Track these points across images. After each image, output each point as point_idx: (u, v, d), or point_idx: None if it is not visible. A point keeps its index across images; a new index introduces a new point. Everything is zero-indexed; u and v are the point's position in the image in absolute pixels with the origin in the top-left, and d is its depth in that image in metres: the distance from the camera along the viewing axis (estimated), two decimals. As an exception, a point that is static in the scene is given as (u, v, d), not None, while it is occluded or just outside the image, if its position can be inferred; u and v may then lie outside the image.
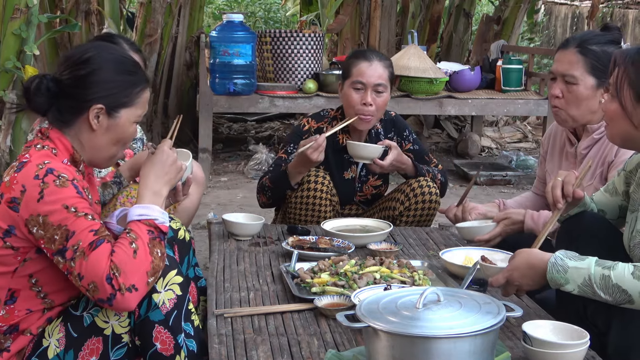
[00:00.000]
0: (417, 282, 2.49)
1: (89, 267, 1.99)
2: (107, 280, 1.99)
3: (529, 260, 2.18)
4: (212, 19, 12.70)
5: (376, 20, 7.81)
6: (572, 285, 2.09)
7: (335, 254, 2.78)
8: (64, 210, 2.03)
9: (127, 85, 2.21)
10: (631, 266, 2.02)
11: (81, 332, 2.13)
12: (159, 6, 6.98)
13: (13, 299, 2.13)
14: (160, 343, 2.13)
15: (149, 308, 2.12)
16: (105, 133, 2.20)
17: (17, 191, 2.05)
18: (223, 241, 3.07)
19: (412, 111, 6.74)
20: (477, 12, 11.36)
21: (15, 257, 2.10)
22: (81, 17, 6.80)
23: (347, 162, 3.54)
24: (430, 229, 3.38)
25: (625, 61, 2.20)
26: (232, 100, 6.35)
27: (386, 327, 1.75)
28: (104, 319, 2.13)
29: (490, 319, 1.77)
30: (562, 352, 1.91)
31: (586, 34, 2.93)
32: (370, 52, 3.53)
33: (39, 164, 2.07)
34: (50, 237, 2.03)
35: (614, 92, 2.22)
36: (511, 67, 6.86)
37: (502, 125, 8.57)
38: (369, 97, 3.39)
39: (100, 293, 2.00)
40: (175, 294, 2.15)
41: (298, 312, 2.32)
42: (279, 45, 6.53)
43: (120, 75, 2.20)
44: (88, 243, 2.01)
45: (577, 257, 2.10)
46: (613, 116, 2.23)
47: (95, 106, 2.16)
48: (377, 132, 3.57)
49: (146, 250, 2.06)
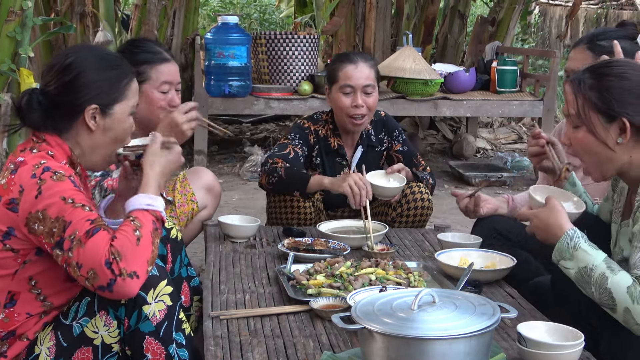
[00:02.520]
0: (412, 283, 2.50)
1: (87, 254, 1.98)
2: (107, 265, 1.97)
3: (549, 220, 2.21)
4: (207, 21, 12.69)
5: (371, 22, 7.81)
6: (573, 264, 2.10)
7: (331, 255, 2.79)
8: (61, 202, 2.03)
9: (115, 80, 2.22)
10: (630, 280, 2.02)
11: (71, 342, 2.12)
12: (153, 8, 6.97)
13: (13, 301, 2.13)
14: (152, 354, 2.11)
15: (139, 319, 2.10)
16: (104, 132, 2.22)
17: (15, 192, 2.05)
18: (219, 243, 3.07)
19: (407, 112, 6.75)
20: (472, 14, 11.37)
21: (15, 260, 2.10)
22: (76, 19, 6.79)
23: (339, 165, 3.55)
24: (426, 230, 3.39)
25: (581, 89, 2.18)
26: (227, 102, 6.35)
27: (381, 329, 1.76)
28: (93, 329, 2.12)
29: (485, 320, 1.77)
30: (556, 353, 1.92)
31: (598, 30, 2.95)
32: (354, 54, 3.55)
33: (35, 164, 2.08)
34: (49, 230, 2.03)
35: (579, 122, 2.19)
36: (506, 69, 6.88)
37: (497, 127, 8.58)
38: (359, 99, 3.40)
39: (100, 279, 1.98)
40: (166, 304, 2.13)
41: (294, 314, 2.32)
42: (274, 47, 6.54)
43: (105, 72, 2.21)
44: (85, 231, 2.01)
45: (590, 244, 2.12)
46: (586, 146, 2.20)
47: (89, 107, 2.17)
48: (368, 133, 3.58)
49: (149, 239, 2.07)
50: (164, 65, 3.07)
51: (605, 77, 2.16)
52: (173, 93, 3.09)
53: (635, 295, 2.00)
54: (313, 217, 3.41)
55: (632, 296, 2.00)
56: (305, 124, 3.55)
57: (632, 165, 2.18)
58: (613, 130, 2.15)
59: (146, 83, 3.02)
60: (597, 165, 2.23)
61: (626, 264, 2.13)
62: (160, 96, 3.06)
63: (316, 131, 3.52)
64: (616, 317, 2.05)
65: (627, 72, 2.16)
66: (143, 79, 3.00)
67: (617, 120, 2.13)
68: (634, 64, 2.21)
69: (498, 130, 8.43)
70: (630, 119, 2.12)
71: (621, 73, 2.15)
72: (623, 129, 2.13)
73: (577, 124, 2.20)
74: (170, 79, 3.08)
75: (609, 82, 2.15)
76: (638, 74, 2.16)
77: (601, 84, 2.16)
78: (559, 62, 6.96)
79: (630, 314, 2.01)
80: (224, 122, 8.70)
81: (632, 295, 2.00)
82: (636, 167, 2.18)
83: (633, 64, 2.21)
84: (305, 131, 3.50)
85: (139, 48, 3.08)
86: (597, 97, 2.15)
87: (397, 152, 3.58)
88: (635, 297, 1.99)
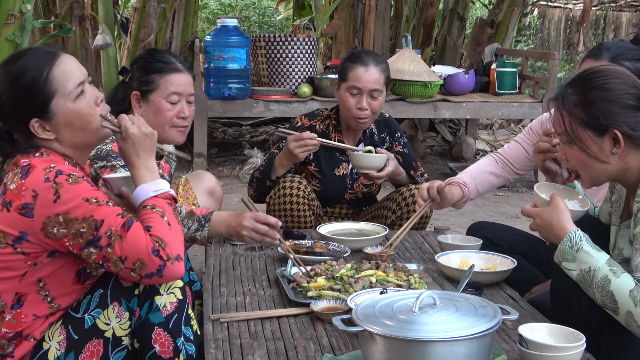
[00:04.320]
0: (413, 285, 2.50)
1: (130, 246, 2.03)
2: (154, 253, 2.03)
3: (552, 220, 2.19)
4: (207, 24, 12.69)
5: (370, 25, 7.81)
6: (576, 266, 2.10)
7: (331, 258, 2.78)
8: (85, 203, 2.04)
9: (30, 87, 2.10)
10: (633, 284, 2.02)
11: (82, 334, 2.13)
12: (153, 11, 6.97)
13: (20, 303, 2.13)
14: (160, 345, 2.13)
15: (149, 309, 2.13)
16: (61, 131, 2.15)
17: (28, 197, 2.04)
18: (219, 246, 3.06)
19: (406, 115, 6.75)
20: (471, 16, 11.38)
21: (26, 262, 2.10)
22: (75, 22, 6.80)
23: (338, 159, 3.56)
24: (426, 232, 3.39)
25: (566, 106, 2.17)
26: (226, 104, 6.35)
27: (382, 331, 1.76)
28: (105, 321, 2.13)
29: (486, 322, 1.77)
30: (558, 354, 1.91)
31: (620, 47, 2.82)
32: (367, 55, 3.53)
33: (46, 168, 2.07)
34: (76, 232, 2.03)
35: (570, 140, 2.18)
36: (505, 70, 6.87)
37: (496, 128, 8.58)
38: (364, 102, 3.41)
39: (149, 267, 2.03)
40: (177, 297, 2.15)
41: (294, 317, 2.32)
42: (274, 49, 6.54)
43: (18, 84, 2.11)
44: (120, 225, 2.04)
45: (593, 245, 2.12)
46: (581, 162, 2.20)
47: (31, 123, 2.12)
48: (371, 132, 3.59)
49: (175, 220, 2.13)
50: (175, 75, 3.00)
51: (588, 92, 2.14)
52: (183, 104, 3.03)
53: (638, 298, 1.99)
54: (313, 224, 3.41)
55: (635, 300, 1.99)
56: (299, 122, 3.58)
57: (628, 170, 2.17)
58: (606, 143, 2.14)
59: (154, 92, 2.97)
60: (593, 177, 2.23)
61: (627, 264, 2.13)
62: (168, 106, 2.99)
63: (311, 127, 3.54)
64: (618, 319, 2.05)
65: (608, 82, 2.13)
66: (151, 88, 2.97)
67: (608, 132, 2.12)
68: (613, 71, 2.17)
69: (497, 132, 8.43)
70: (620, 129, 2.11)
71: (603, 85, 2.13)
72: (616, 140, 2.12)
73: (569, 140, 2.19)
74: (180, 90, 3.00)
75: (592, 95, 2.13)
76: (619, 81, 2.13)
77: (585, 99, 2.14)
78: (558, 63, 6.96)
79: (632, 318, 2.00)
80: (224, 125, 8.71)
81: (635, 299, 2.00)
82: (633, 171, 2.17)
83: (612, 72, 2.17)
84: (297, 131, 3.50)
85: (154, 57, 3.03)
86: (583, 114, 2.13)
87: (397, 153, 3.59)
88: (638, 300, 1.99)
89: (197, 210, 2.86)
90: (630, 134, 2.11)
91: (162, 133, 3.04)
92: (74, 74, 2.15)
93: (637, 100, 2.12)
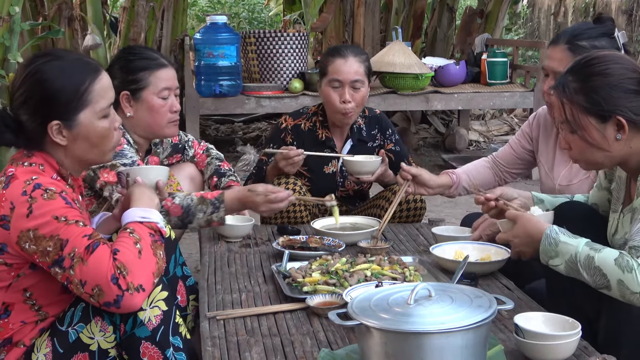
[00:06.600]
0: (408, 278, 2.50)
1: (90, 271, 1.97)
2: (113, 281, 1.96)
3: (527, 230, 2.23)
4: (196, 21, 12.66)
5: (360, 18, 7.80)
6: (560, 259, 2.11)
7: (326, 252, 2.78)
8: (54, 221, 2.01)
9: (70, 89, 2.11)
10: (616, 252, 2.03)
11: (67, 348, 2.11)
12: (142, 10, 6.95)
13: (7, 312, 2.12)
14: (149, 358, 2.11)
15: (134, 325, 2.09)
16: (77, 142, 2.16)
17: (6, 208, 2.03)
18: (213, 243, 3.06)
19: (398, 107, 6.75)
20: (461, 7, 11.37)
21: (9, 273, 2.08)
22: (64, 23, 6.76)
23: (326, 157, 3.54)
24: (420, 225, 3.39)
25: (567, 94, 2.14)
26: (218, 102, 6.34)
27: (378, 324, 1.76)
28: (89, 335, 2.11)
29: (482, 312, 1.77)
30: (554, 343, 1.92)
31: (577, 28, 2.85)
32: (345, 48, 3.52)
33: (27, 180, 2.05)
34: (44, 249, 2.00)
35: (571, 128, 2.16)
36: (496, 60, 6.88)
37: (488, 119, 8.60)
38: (346, 95, 3.40)
39: (106, 296, 1.96)
40: (161, 310, 2.11)
41: (290, 312, 2.32)
42: (264, 45, 6.52)
43: (58, 84, 2.11)
44: (84, 247, 1.99)
45: (570, 235, 2.13)
46: (583, 150, 2.18)
47: (51, 124, 2.11)
48: (360, 128, 3.57)
49: (150, 251, 2.06)
50: (162, 71, 3.03)
51: (589, 78, 2.12)
52: (173, 98, 3.06)
53: (624, 264, 1.99)
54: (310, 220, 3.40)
55: (621, 266, 2.00)
56: (283, 123, 3.57)
57: (632, 154, 2.15)
58: (609, 130, 2.11)
59: (146, 90, 2.99)
60: (595, 164, 2.23)
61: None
62: (161, 102, 3.01)
63: (296, 126, 3.53)
64: (613, 294, 2.04)
65: (609, 67, 2.12)
66: (142, 86, 2.98)
67: (612, 118, 2.10)
68: (613, 56, 2.16)
69: (490, 122, 8.44)
70: (623, 114, 2.09)
71: (604, 70, 2.11)
72: (620, 126, 2.10)
73: (571, 129, 2.17)
74: (170, 85, 3.04)
75: (594, 81, 2.11)
76: (620, 66, 2.12)
77: (586, 85, 2.12)
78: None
79: (624, 285, 2.00)
80: (216, 122, 8.69)
81: (621, 265, 2.00)
82: (637, 153, 2.15)
83: (612, 56, 2.16)
84: (281, 135, 3.52)
85: (135, 55, 3.04)
86: (585, 100, 2.11)
87: (389, 150, 3.57)
88: (624, 266, 1.99)
89: (207, 194, 2.90)
90: (634, 118, 2.10)
91: (160, 130, 3.05)
92: (108, 94, 2.20)
93: (638, 84, 2.11)
